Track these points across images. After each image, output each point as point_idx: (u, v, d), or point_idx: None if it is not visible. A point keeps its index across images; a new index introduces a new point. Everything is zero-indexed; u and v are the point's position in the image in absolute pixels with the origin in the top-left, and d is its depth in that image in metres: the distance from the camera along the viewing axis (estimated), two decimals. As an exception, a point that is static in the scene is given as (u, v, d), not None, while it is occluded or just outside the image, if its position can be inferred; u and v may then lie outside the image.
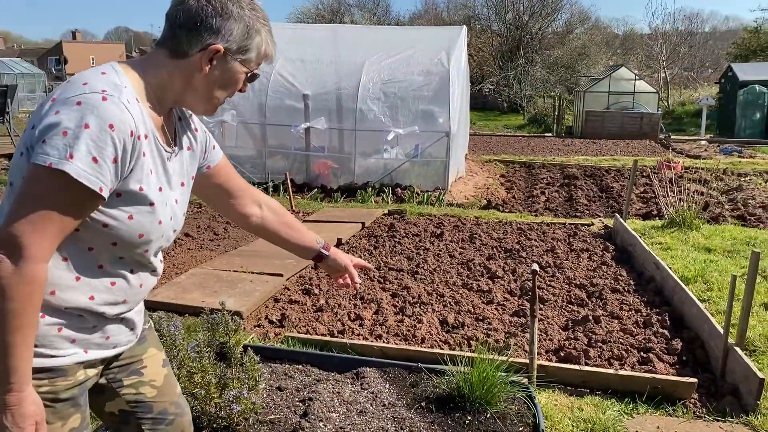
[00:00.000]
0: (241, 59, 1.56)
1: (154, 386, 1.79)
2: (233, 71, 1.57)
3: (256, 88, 11.00)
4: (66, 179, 1.32)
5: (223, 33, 1.52)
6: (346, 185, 10.38)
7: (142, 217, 1.51)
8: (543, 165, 13.99)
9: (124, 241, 1.50)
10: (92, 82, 1.41)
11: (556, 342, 4.19)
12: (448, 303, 4.93)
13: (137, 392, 1.75)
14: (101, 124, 1.35)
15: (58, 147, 1.31)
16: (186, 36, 1.50)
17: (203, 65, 1.52)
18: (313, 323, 4.44)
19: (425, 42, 11.32)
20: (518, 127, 27.63)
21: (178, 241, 6.75)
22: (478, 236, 7.05)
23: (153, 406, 1.79)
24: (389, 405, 3.08)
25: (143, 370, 1.77)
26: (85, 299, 1.49)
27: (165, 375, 1.84)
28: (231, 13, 1.52)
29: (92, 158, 1.34)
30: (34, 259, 1.31)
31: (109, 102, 1.37)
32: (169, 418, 1.83)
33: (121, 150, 1.39)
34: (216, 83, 1.57)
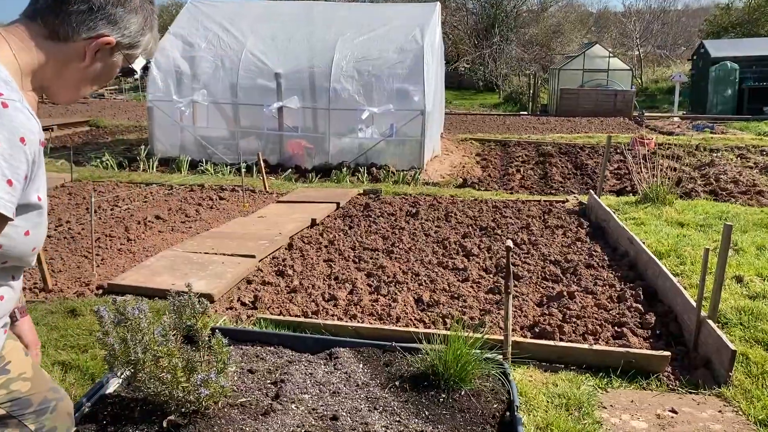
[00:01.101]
0: (126, 54, 1.44)
1: (26, 379, 1.63)
2: (114, 65, 1.44)
3: (227, 66, 10.81)
4: None
5: (120, 25, 1.38)
6: (320, 165, 10.27)
7: (36, 230, 1.38)
8: (518, 143, 14.00)
9: (16, 258, 1.37)
10: None
11: (531, 318, 4.18)
12: (424, 281, 4.89)
13: (9, 391, 1.58)
14: (11, 138, 1.16)
15: None
16: (76, 19, 1.32)
17: (87, 55, 1.36)
18: (286, 304, 4.38)
19: (399, 19, 11.19)
20: (494, 105, 27.62)
21: (148, 224, 6.62)
22: (454, 215, 7.02)
23: (31, 399, 1.65)
24: (363, 385, 3.04)
25: (8, 366, 1.58)
26: None
27: (32, 364, 1.69)
28: (133, 5, 1.38)
29: (6, 181, 1.16)
30: None
31: (12, 109, 1.18)
32: (51, 405, 1.71)
33: (30, 165, 1.23)
34: (92, 74, 1.41)
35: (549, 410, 3.02)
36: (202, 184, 8.87)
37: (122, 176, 9.52)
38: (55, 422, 1.73)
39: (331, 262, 5.33)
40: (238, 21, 11.44)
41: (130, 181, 9.09)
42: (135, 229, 6.40)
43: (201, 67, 10.98)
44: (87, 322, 3.93)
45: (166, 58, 11.04)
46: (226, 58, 10.87)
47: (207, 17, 11.56)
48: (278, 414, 2.71)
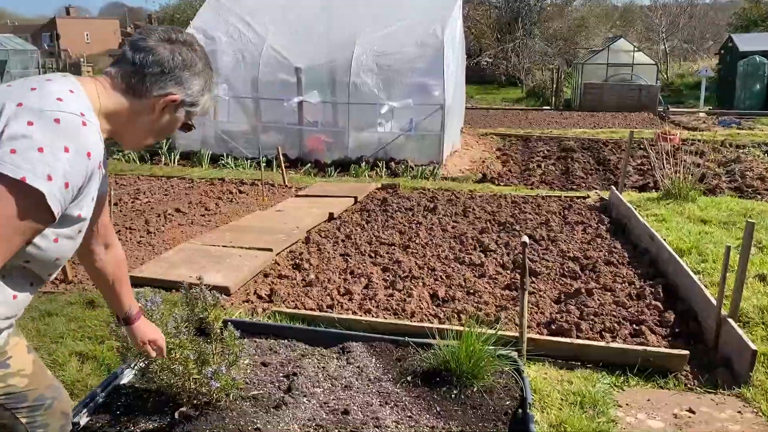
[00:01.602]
0: (188, 110, 1.66)
1: (25, 375, 1.70)
2: (177, 120, 1.66)
3: (248, 60, 10.84)
4: (37, 198, 1.29)
5: (186, 86, 1.60)
6: (339, 160, 10.27)
7: (67, 242, 1.50)
8: (540, 138, 13.87)
9: (39, 262, 1.49)
10: (67, 100, 1.39)
11: (547, 315, 4.14)
12: (440, 277, 4.87)
13: (6, 385, 1.66)
14: (80, 150, 1.35)
15: (33, 162, 1.28)
16: (150, 79, 1.55)
17: (156, 109, 1.58)
18: (302, 298, 4.38)
19: (419, 13, 11.11)
20: (516, 100, 27.38)
21: (168, 217, 6.68)
22: (472, 210, 6.97)
23: (27, 394, 1.71)
24: (375, 379, 3.03)
25: (9, 361, 1.66)
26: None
27: (33, 361, 1.76)
28: (197, 70, 1.61)
29: (64, 183, 1.33)
30: None
31: (88, 130, 1.38)
32: (47, 403, 1.77)
33: (87, 179, 1.40)
34: (158, 126, 1.63)
35: (563, 408, 2.99)
36: (223, 178, 8.93)
37: (144, 169, 9.62)
38: (48, 419, 1.78)
39: (347, 256, 5.33)
40: (259, 15, 11.46)
41: (151, 174, 9.18)
42: (155, 221, 6.47)
43: (222, 62, 11.01)
44: (104, 314, 3.97)
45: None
46: (247, 52, 10.91)
47: (228, 11, 11.61)
48: (290, 407, 2.72)
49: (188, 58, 1.59)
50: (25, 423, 1.72)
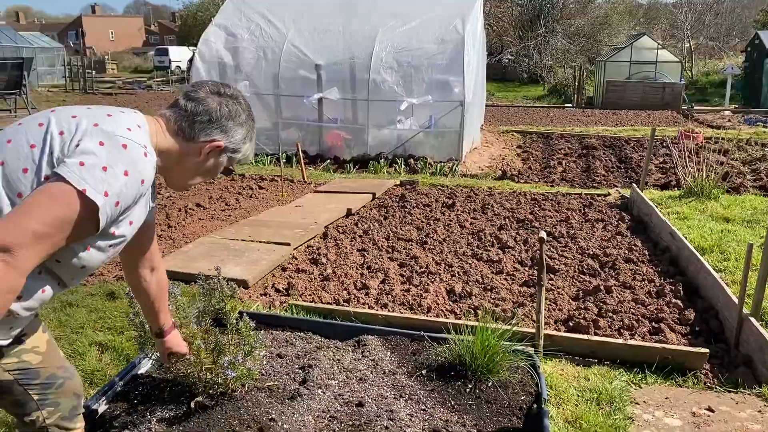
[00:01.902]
0: (230, 156, 1.81)
1: (38, 352, 1.79)
2: (220, 164, 1.82)
3: (269, 57, 10.90)
4: (91, 210, 1.43)
5: (229, 134, 1.77)
6: (359, 156, 10.28)
7: (97, 254, 1.62)
8: (561, 135, 13.75)
9: (67, 265, 1.59)
10: (135, 132, 1.57)
11: (565, 312, 4.11)
12: (457, 273, 4.86)
13: (20, 360, 1.74)
14: (137, 177, 1.51)
15: (95, 177, 1.43)
16: (199, 126, 1.72)
17: (202, 153, 1.74)
18: (319, 292, 4.40)
19: (440, 9, 11.07)
20: (538, 98, 27.19)
21: (189, 211, 6.75)
22: (491, 206, 6.95)
23: (40, 371, 1.79)
24: (389, 373, 3.03)
25: (23, 338, 1.75)
26: None
27: (47, 340, 1.84)
28: (240, 120, 1.78)
29: (116, 201, 1.48)
30: (22, 272, 1.37)
31: (148, 161, 1.56)
32: (59, 382, 1.85)
33: (132, 201, 1.56)
34: (202, 169, 1.79)
35: (579, 404, 2.96)
36: (243, 174, 8.99)
37: (166, 165, 9.71)
38: (59, 397, 1.84)
39: (364, 251, 5.34)
40: (280, 12, 11.51)
41: (172, 169, 9.26)
42: (176, 216, 6.54)
43: (244, 58, 11.10)
44: (124, 305, 4.02)
45: (210, 49, 11.20)
46: (268, 49, 10.96)
47: (250, 8, 11.67)
48: (304, 398, 2.74)
49: (233, 110, 1.76)
50: (37, 400, 1.78)
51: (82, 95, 24.08)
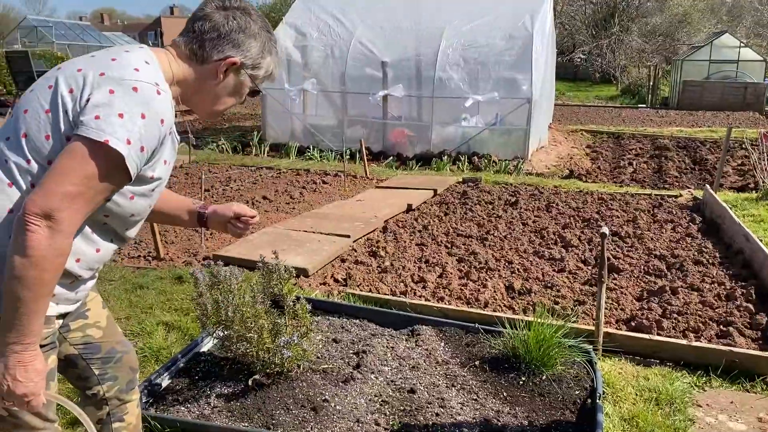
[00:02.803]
0: (251, 74, 1.69)
1: (100, 327, 1.85)
2: (241, 84, 1.70)
3: (336, 55, 11.05)
4: (117, 159, 1.40)
5: (243, 48, 1.64)
6: (422, 153, 10.29)
7: (141, 200, 1.60)
8: (633, 136, 13.33)
9: (116, 216, 1.58)
10: (143, 70, 1.49)
11: (628, 312, 4.00)
12: (516, 270, 4.80)
13: (84, 335, 1.81)
14: (155, 117, 1.45)
15: (114, 127, 1.38)
16: (209, 44, 1.61)
17: (219, 73, 1.63)
18: (376, 283, 4.45)
19: (509, 6, 10.95)
20: (610, 98, 26.41)
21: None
22: (555, 205, 6.82)
23: (101, 346, 1.85)
24: (442, 362, 3.05)
25: (87, 312, 1.82)
26: (72, 261, 1.52)
27: (107, 316, 1.90)
28: (252, 32, 1.65)
29: (140, 147, 1.43)
30: (67, 234, 1.38)
31: (162, 98, 1.48)
32: (117, 356, 1.90)
33: (159, 144, 1.51)
34: (224, 92, 1.68)
35: (637, 403, 2.88)
36: (308, 169, 9.16)
37: (235, 160, 10.02)
38: (117, 372, 1.91)
39: (423, 246, 5.36)
40: (348, 10, 11.65)
41: (242, 164, 9.55)
42: (242, 207, 6.73)
43: (312, 57, 11.30)
44: (191, 289, 4.17)
45: (279, 48, 11.43)
46: (336, 47, 11.12)
47: (319, 6, 11.87)
48: (357, 382, 2.79)
49: (242, 22, 1.63)
50: (98, 374, 1.86)
51: (159, 93, 25.07)
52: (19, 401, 1.43)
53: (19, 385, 1.40)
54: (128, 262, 4.94)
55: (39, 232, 1.33)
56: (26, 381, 1.40)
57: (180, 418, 2.53)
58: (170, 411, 2.61)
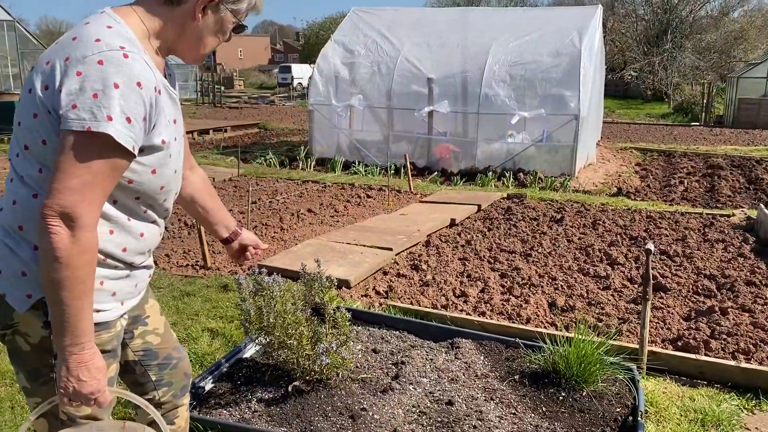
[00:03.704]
0: (232, 9, 1.58)
1: (158, 334, 1.87)
2: (223, 21, 1.59)
3: (383, 72, 11.18)
4: (107, 141, 1.34)
5: None
6: (466, 169, 10.28)
7: (163, 170, 1.55)
8: (684, 154, 13.01)
9: (146, 195, 1.55)
10: (105, 38, 1.39)
11: (674, 331, 3.90)
12: (560, 286, 4.75)
13: (144, 341, 1.83)
14: (129, 83, 1.36)
15: (92, 110, 1.32)
16: None
17: (197, 13, 1.53)
18: (417, 296, 4.46)
19: (556, 22, 10.91)
20: (662, 115, 25.86)
21: (300, 216, 7.05)
22: (602, 222, 6.71)
23: (159, 352, 1.88)
24: (482, 376, 3.03)
25: (147, 320, 1.84)
26: (119, 251, 1.54)
27: (164, 323, 1.92)
28: None
29: (126, 118, 1.36)
30: (88, 228, 1.36)
31: (131, 59, 1.38)
32: (173, 362, 1.92)
33: (148, 107, 1.41)
34: (207, 32, 1.58)
35: (681, 423, 2.81)
36: (353, 183, 9.26)
37: (282, 173, 10.21)
38: (172, 378, 1.94)
39: (465, 260, 5.35)
40: (395, 28, 11.80)
41: (288, 177, 9.72)
42: (288, 220, 6.86)
43: (359, 73, 11.47)
44: (235, 297, 4.27)
45: (328, 64, 11.67)
46: (383, 64, 11.27)
47: (367, 24, 12.06)
48: (396, 392, 2.80)
49: None
50: (154, 380, 1.89)
51: (211, 108, 25.77)
52: (86, 400, 1.44)
53: (84, 384, 1.41)
54: (176, 270, 5.09)
55: (60, 233, 1.33)
56: (90, 379, 1.42)
57: (221, 420, 2.59)
58: (212, 413, 2.67)
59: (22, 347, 1.53)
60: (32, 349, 1.52)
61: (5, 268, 1.48)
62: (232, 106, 27.34)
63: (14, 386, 3.15)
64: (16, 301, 1.47)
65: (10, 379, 3.22)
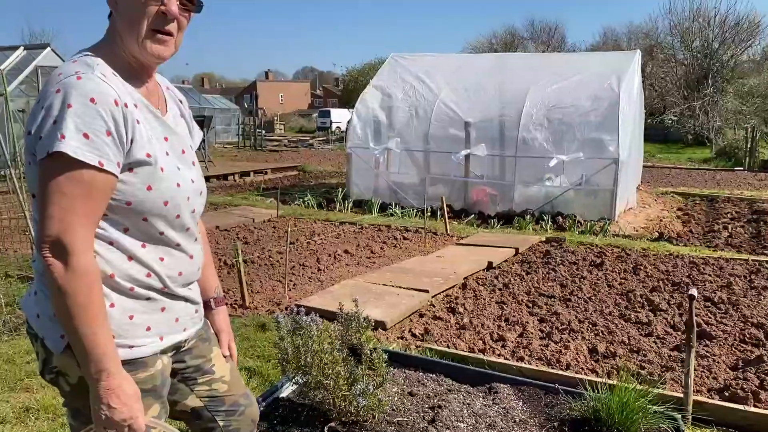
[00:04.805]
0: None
1: (225, 381, 1.87)
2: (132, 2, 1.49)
3: (420, 115, 11.34)
4: (65, 159, 1.34)
5: None
6: (504, 212, 10.24)
7: (159, 185, 1.51)
8: (728, 199, 12.73)
9: (153, 213, 1.52)
10: (65, 70, 1.42)
11: (721, 381, 3.77)
12: (601, 332, 4.65)
13: (210, 389, 1.84)
14: (82, 100, 1.36)
15: (50, 134, 1.34)
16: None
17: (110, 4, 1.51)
18: (454, 340, 4.43)
19: (594, 67, 10.94)
20: (704, 160, 25.40)
21: (337, 257, 7.10)
22: (643, 267, 6.58)
23: (225, 399, 1.87)
24: (520, 422, 2.97)
25: (213, 368, 1.85)
26: (142, 277, 1.53)
27: (231, 369, 1.92)
28: None
29: (82, 134, 1.35)
30: (80, 252, 1.36)
31: (84, 79, 1.39)
32: (240, 409, 1.91)
33: (111, 121, 1.39)
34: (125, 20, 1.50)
35: (730, 478, 2.69)
36: (389, 225, 9.31)
37: (320, 215, 10.34)
38: (240, 425, 1.93)
39: (503, 304, 5.29)
40: (433, 73, 12.00)
41: (326, 219, 9.83)
42: (325, 260, 6.92)
43: (396, 117, 11.65)
44: (273, 336, 4.31)
45: (366, 108, 11.90)
46: (420, 108, 11.43)
47: (405, 70, 12.30)
48: (432, 437, 2.76)
49: None
50: (222, 426, 1.89)
51: (252, 151, 26.35)
52: (119, 428, 1.43)
53: (115, 411, 1.41)
54: (216, 308, 5.15)
55: (54, 263, 1.34)
56: (120, 406, 1.41)
57: (257, 460, 2.59)
58: (248, 453, 2.67)
59: (64, 388, 1.56)
60: (72, 389, 1.54)
61: (42, 312, 1.52)
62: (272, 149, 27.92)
63: (56, 420, 3.21)
64: (53, 344, 1.50)
65: (53, 413, 3.29)
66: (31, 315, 1.55)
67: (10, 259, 6.44)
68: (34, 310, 1.54)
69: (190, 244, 1.67)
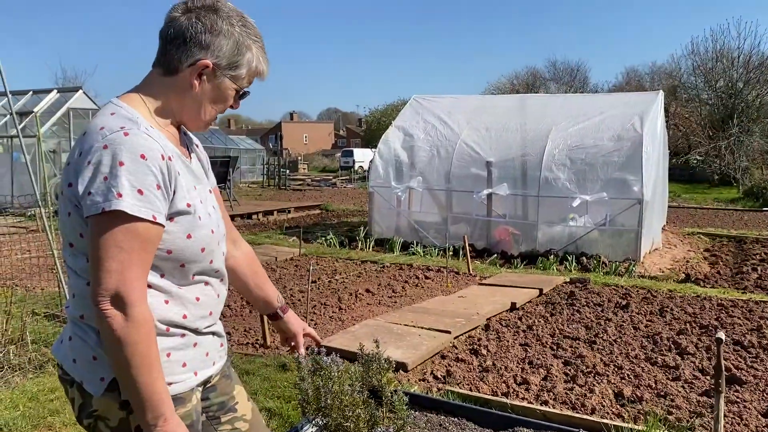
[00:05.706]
0: (230, 75, 1.59)
1: (246, 420, 1.88)
2: (223, 88, 1.60)
3: (442, 155, 11.42)
4: (123, 218, 1.38)
5: (212, 49, 1.54)
6: (527, 252, 10.17)
7: (197, 233, 1.56)
8: (757, 240, 12.49)
9: (189, 260, 1.57)
10: (108, 124, 1.45)
11: (752, 428, 3.66)
12: (626, 375, 4.55)
13: (233, 428, 1.84)
14: (133, 157, 1.40)
15: (103, 192, 1.38)
16: (176, 52, 1.53)
17: (192, 81, 1.55)
18: (477, 382, 4.36)
19: (617, 107, 10.96)
20: (730, 200, 25.06)
21: (358, 296, 7.09)
22: (670, 309, 6.46)
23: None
24: (544, 468, 2.90)
25: (236, 406, 1.85)
26: (179, 318, 1.57)
27: (252, 408, 1.92)
28: (220, 30, 1.54)
29: (137, 191, 1.40)
30: (138, 303, 1.40)
31: (132, 135, 1.42)
32: None
33: (160, 175, 1.44)
34: (206, 99, 1.60)
35: None
36: (411, 264, 9.29)
37: (342, 253, 10.36)
38: None
39: (527, 346, 5.22)
40: (454, 113, 12.12)
41: (348, 257, 9.85)
42: (346, 299, 6.91)
43: (418, 156, 11.74)
44: (293, 377, 4.29)
45: (388, 148, 12.02)
46: (442, 147, 11.52)
47: (427, 111, 12.45)
48: (453, 482, 2.71)
49: (209, 21, 1.53)
50: None
51: (276, 191, 26.67)
52: None
53: None
54: (237, 348, 5.16)
55: (114, 315, 1.38)
56: None
57: (276, 503, 2.56)
58: (267, 496, 2.64)
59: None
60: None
61: (79, 357, 1.54)
62: (296, 188, 28.23)
63: (77, 459, 3.21)
64: (93, 386, 1.51)
65: (74, 451, 3.29)
66: (66, 361, 1.57)
67: (37, 297, 6.55)
68: (69, 356, 1.56)
69: (219, 284, 1.71)
